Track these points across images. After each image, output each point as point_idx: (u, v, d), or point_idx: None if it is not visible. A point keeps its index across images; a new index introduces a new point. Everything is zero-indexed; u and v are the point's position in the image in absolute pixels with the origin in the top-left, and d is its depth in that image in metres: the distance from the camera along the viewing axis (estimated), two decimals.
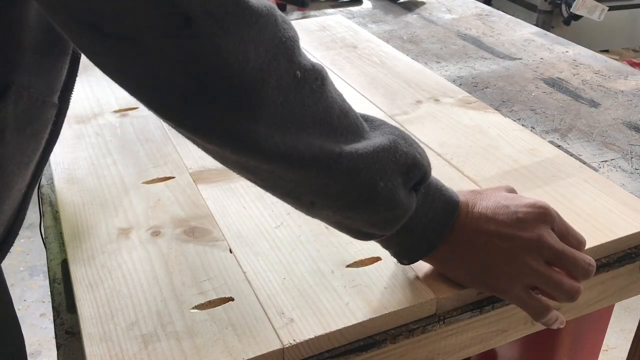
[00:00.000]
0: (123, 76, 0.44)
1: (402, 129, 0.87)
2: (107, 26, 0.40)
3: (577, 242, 0.58)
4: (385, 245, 0.58)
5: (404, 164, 0.52)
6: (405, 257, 0.58)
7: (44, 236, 0.72)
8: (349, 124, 0.50)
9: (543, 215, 0.56)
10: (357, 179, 0.49)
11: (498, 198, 0.58)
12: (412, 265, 0.62)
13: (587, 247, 0.64)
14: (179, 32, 0.40)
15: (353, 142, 0.50)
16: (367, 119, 0.55)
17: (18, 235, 0.67)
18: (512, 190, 0.61)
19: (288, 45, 0.46)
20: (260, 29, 0.44)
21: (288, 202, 0.53)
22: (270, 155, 0.46)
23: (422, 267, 0.62)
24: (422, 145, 0.83)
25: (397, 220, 0.53)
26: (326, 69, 0.51)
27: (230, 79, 0.43)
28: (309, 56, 0.49)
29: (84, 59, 0.53)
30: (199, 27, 0.40)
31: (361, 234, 0.56)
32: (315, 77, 0.48)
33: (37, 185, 0.79)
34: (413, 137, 0.57)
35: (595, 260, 0.65)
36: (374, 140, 0.51)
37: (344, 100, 0.52)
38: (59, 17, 0.42)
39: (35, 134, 0.60)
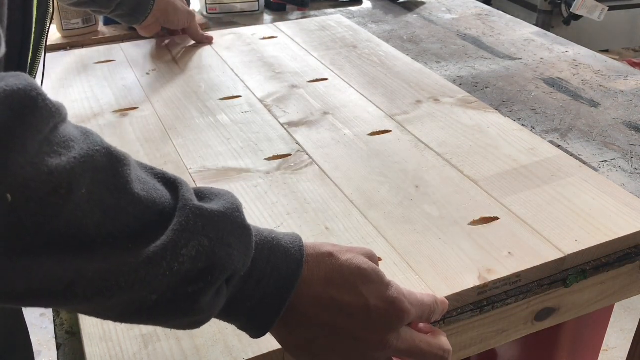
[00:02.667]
0: None
1: (401, 127, 0.88)
2: None
3: (429, 318, 0.53)
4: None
5: (191, 270, 0.41)
6: (247, 333, 0.49)
7: None
8: (118, 229, 0.39)
9: (395, 317, 0.48)
10: (109, 303, 0.39)
11: (353, 278, 0.48)
12: (411, 265, 0.62)
13: (586, 246, 0.64)
14: None
15: (116, 252, 0.39)
16: (178, 195, 0.42)
17: None
18: (372, 258, 0.52)
19: None
20: None
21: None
22: None
23: (423, 267, 0.62)
24: (422, 145, 0.84)
25: (198, 323, 0.45)
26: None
27: None
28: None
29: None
30: None
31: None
32: (53, 186, 0.35)
33: None
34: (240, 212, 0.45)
35: (595, 261, 0.66)
36: (147, 248, 0.39)
37: (125, 192, 0.39)
38: None
39: None
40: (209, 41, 1.21)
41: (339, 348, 0.48)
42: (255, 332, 0.48)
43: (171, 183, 0.43)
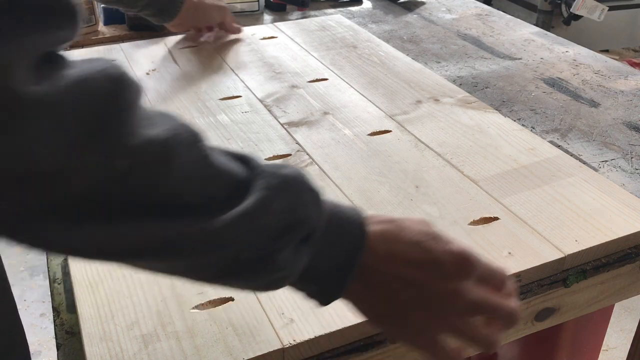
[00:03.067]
0: None
1: (401, 128, 0.88)
2: None
3: (499, 283, 0.53)
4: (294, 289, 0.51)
5: (277, 226, 0.44)
6: (317, 300, 0.50)
7: None
8: (208, 196, 0.43)
9: (463, 266, 0.50)
10: (211, 258, 0.43)
11: (418, 236, 0.50)
12: None
13: (586, 247, 0.64)
14: None
15: (209, 215, 0.42)
16: (250, 165, 0.46)
17: None
18: (430, 224, 0.54)
19: (104, 129, 0.37)
20: (48, 118, 0.36)
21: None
22: (92, 254, 0.41)
23: None
24: (422, 145, 0.84)
25: (280, 281, 0.47)
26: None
27: (21, 179, 0.36)
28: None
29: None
30: None
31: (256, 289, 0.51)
32: (155, 156, 0.39)
33: None
34: (306, 180, 0.47)
35: (595, 261, 0.66)
36: (238, 207, 0.43)
37: (209, 164, 0.43)
38: None
39: None
40: (239, 31, 1.23)
41: (416, 301, 0.50)
42: (329, 296, 0.49)
43: (240, 157, 0.47)
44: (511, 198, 0.72)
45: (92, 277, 0.61)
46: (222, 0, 1.22)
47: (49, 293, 0.66)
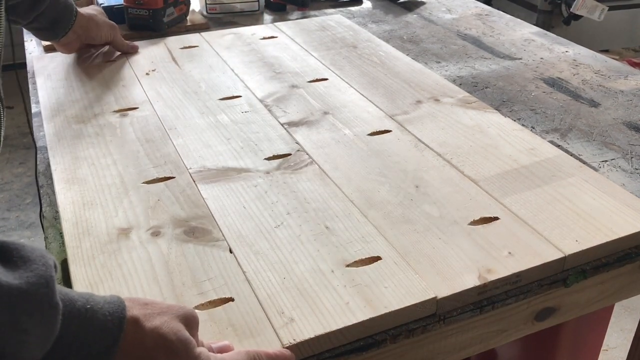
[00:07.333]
0: None
1: (401, 128, 0.88)
2: None
3: None
4: None
5: None
6: None
7: (44, 236, 0.72)
8: None
9: None
10: None
11: (154, 352, 0.45)
12: (412, 264, 0.62)
13: (586, 247, 0.64)
14: None
15: None
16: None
17: (18, 235, 0.67)
18: (190, 320, 0.50)
19: None
20: None
21: None
22: None
23: (422, 267, 0.62)
24: (422, 145, 0.84)
25: None
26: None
27: None
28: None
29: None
30: None
31: None
32: None
33: (36, 185, 0.79)
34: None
35: (596, 261, 0.66)
36: None
37: None
38: None
39: None
40: (134, 50, 1.15)
41: None
42: None
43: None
44: (511, 198, 0.72)
45: (92, 277, 0.61)
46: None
47: None
